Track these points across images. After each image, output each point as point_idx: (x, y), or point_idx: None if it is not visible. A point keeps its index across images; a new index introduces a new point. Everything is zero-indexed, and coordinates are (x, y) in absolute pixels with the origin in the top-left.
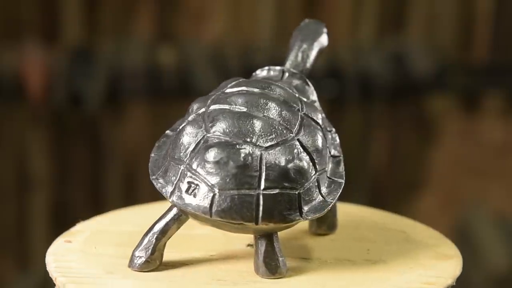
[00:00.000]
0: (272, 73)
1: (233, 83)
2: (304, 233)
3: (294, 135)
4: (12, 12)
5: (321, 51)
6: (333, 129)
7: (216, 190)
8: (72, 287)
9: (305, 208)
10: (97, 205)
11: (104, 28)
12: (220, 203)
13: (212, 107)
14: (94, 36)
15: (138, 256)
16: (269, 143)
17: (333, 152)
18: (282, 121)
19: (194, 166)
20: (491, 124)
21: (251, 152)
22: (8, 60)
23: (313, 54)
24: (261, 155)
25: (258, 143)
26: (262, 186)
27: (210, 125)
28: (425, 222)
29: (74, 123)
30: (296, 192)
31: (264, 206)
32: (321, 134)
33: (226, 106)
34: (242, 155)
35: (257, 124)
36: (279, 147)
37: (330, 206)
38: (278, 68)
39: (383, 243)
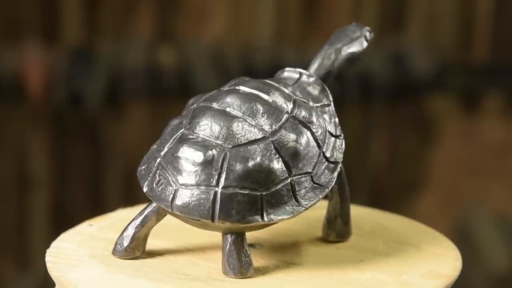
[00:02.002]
0: (289, 74)
1: (234, 81)
2: (315, 239)
3: (269, 136)
4: (12, 12)
5: (353, 56)
6: (342, 135)
7: (178, 185)
8: (49, 265)
9: (269, 211)
10: (97, 205)
11: (104, 28)
12: (180, 198)
13: (201, 104)
14: (94, 36)
15: (118, 244)
16: (237, 143)
17: (330, 156)
18: (260, 122)
19: (166, 160)
20: (491, 124)
21: (216, 150)
22: (8, 60)
23: (340, 58)
24: (225, 154)
25: (226, 142)
26: (221, 185)
27: (188, 121)
28: (425, 222)
29: (74, 123)
30: (258, 193)
31: (221, 204)
32: (306, 138)
33: (210, 104)
34: (206, 153)
35: (231, 124)
36: (246, 147)
37: (302, 211)
38: (295, 70)
39: (385, 256)
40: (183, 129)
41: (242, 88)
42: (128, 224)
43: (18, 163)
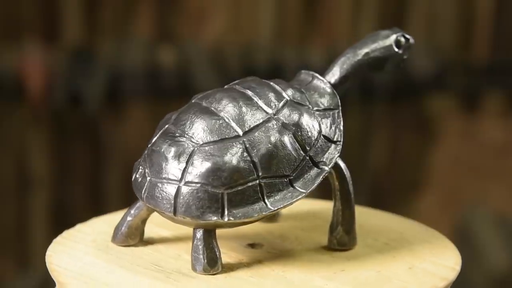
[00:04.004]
0: (304, 77)
1: (238, 80)
2: (320, 247)
3: (241, 136)
4: (12, 12)
5: (376, 61)
6: (340, 141)
7: (150, 178)
8: (52, 246)
9: (231, 210)
10: (97, 205)
11: (104, 28)
12: (149, 190)
13: (195, 100)
14: (94, 36)
15: (114, 232)
16: (208, 140)
17: (319, 161)
18: (238, 122)
19: (148, 152)
20: (491, 124)
21: (186, 147)
22: (8, 60)
23: (358, 62)
24: (193, 150)
25: (198, 139)
26: (184, 180)
27: (175, 116)
28: (425, 222)
29: (74, 123)
30: (220, 192)
31: (183, 199)
32: (286, 140)
33: (200, 101)
34: (177, 148)
35: (208, 121)
36: (215, 145)
37: (268, 213)
38: (309, 72)
39: (371, 269)
40: (168, 124)
41: (237, 87)
42: (125, 213)
43: (18, 163)
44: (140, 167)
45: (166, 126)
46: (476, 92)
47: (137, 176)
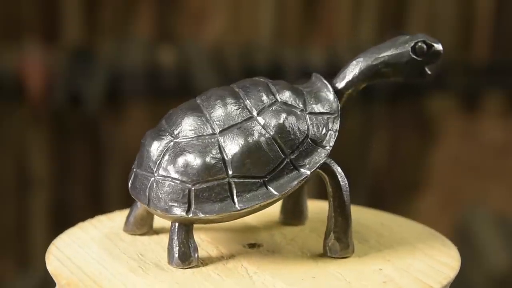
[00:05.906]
0: (314, 79)
1: (243, 80)
2: (317, 254)
3: (217, 134)
4: (12, 12)
5: (387, 67)
6: (328, 146)
7: (135, 169)
8: (69, 231)
9: (197, 206)
10: (97, 205)
11: (104, 28)
12: (132, 181)
13: (195, 97)
14: (94, 36)
15: (125, 221)
16: (185, 136)
17: (301, 165)
18: (219, 119)
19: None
20: (491, 124)
21: (165, 141)
22: (8, 60)
23: (367, 68)
24: (169, 146)
25: (176, 134)
26: (157, 173)
27: (170, 112)
28: (425, 222)
29: (74, 123)
30: (187, 187)
31: (154, 192)
32: (264, 141)
33: (196, 99)
34: (157, 142)
35: (190, 118)
36: (190, 141)
37: (233, 211)
38: (316, 75)
39: (346, 278)
40: (163, 119)
41: (234, 86)
42: (133, 203)
43: (18, 163)
44: (135, 159)
45: (161, 121)
46: (476, 92)
47: (132, 167)
